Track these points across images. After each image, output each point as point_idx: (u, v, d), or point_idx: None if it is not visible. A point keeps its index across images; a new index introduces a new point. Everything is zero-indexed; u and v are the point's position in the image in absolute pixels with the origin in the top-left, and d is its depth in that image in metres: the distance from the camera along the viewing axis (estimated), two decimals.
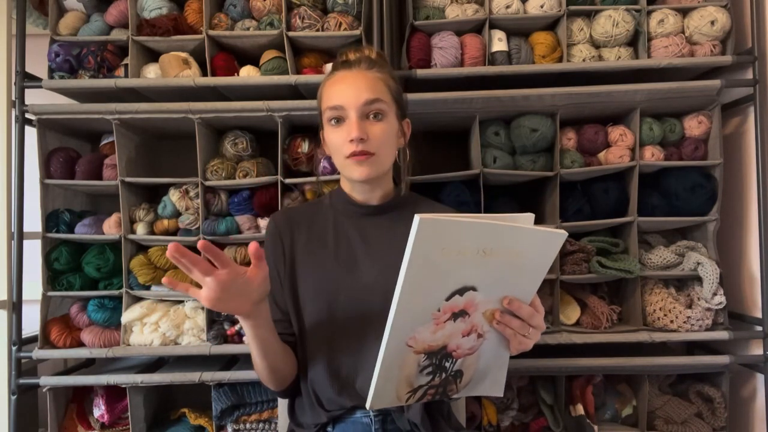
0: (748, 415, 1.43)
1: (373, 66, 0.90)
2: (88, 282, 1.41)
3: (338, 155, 0.89)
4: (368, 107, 0.86)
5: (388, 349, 0.68)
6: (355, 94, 0.86)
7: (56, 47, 1.40)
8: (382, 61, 0.93)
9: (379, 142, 0.87)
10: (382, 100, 0.87)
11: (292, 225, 0.95)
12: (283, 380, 0.91)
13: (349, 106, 0.86)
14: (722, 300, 1.32)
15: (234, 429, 1.38)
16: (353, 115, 0.86)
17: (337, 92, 0.88)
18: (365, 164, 0.87)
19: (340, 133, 0.87)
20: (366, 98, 0.86)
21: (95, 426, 1.43)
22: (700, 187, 1.37)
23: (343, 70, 0.91)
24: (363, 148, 0.85)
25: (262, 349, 0.83)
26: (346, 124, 0.87)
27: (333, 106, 0.87)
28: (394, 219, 0.95)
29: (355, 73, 0.89)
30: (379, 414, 0.89)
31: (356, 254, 0.92)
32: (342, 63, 0.93)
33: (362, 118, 0.86)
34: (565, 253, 1.39)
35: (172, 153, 1.61)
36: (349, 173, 0.89)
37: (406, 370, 0.72)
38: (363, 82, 0.87)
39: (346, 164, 0.88)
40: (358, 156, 0.86)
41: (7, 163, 1.36)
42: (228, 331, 1.38)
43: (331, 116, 0.88)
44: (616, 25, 1.36)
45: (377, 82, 0.89)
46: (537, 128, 1.36)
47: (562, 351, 1.39)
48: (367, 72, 0.89)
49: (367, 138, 0.85)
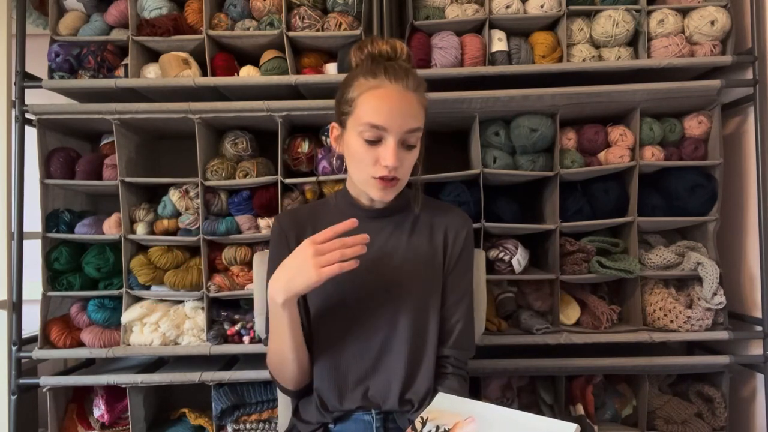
0: (748, 415, 1.43)
1: (418, 87, 0.86)
2: (88, 282, 1.41)
3: (362, 171, 0.86)
4: (408, 135, 0.84)
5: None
6: (400, 120, 0.82)
7: (56, 47, 1.40)
8: (420, 80, 0.88)
9: (406, 169, 0.87)
10: (420, 128, 0.86)
11: (297, 226, 0.95)
12: (304, 378, 0.90)
13: (392, 131, 0.82)
14: (722, 300, 1.32)
15: (234, 429, 1.38)
16: (392, 141, 0.83)
17: (383, 111, 0.82)
18: (390, 190, 0.86)
19: (373, 153, 0.84)
20: (410, 127, 0.83)
21: (95, 426, 1.43)
22: (700, 187, 1.37)
23: (387, 81, 0.83)
24: (394, 174, 0.84)
25: (294, 339, 0.84)
26: (383, 147, 0.83)
27: (375, 125, 0.82)
28: (400, 222, 0.95)
29: (401, 93, 0.83)
30: (380, 413, 0.89)
31: (362, 258, 0.92)
32: (386, 69, 0.84)
33: (399, 145, 0.84)
34: (565, 253, 1.39)
35: (172, 153, 1.61)
36: (370, 191, 0.88)
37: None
38: (408, 107, 0.84)
39: (370, 183, 0.86)
40: (386, 182, 0.85)
41: (7, 163, 1.36)
42: (228, 331, 1.38)
43: (369, 134, 0.83)
44: (616, 25, 1.36)
45: (420, 108, 0.86)
46: (537, 128, 1.36)
47: (562, 351, 1.39)
48: (413, 94, 0.85)
49: (399, 166, 0.84)
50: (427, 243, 0.93)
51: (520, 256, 1.37)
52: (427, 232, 0.94)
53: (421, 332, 0.89)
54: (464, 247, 0.94)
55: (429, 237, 0.94)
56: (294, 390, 0.92)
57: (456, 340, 0.91)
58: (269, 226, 1.37)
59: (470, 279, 0.96)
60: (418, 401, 0.88)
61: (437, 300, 0.91)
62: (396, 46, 0.88)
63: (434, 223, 0.95)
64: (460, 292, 0.93)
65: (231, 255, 1.38)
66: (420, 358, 0.89)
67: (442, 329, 0.91)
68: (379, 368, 0.88)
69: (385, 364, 0.88)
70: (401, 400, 0.88)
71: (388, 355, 0.88)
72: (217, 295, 1.37)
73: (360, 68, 0.87)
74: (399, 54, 0.88)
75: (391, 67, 0.85)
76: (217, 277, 1.38)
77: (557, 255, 1.38)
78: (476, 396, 1.40)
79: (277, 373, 0.91)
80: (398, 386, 0.87)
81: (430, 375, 0.88)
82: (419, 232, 0.94)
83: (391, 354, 0.88)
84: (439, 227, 0.95)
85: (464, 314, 0.93)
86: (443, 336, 0.91)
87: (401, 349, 0.87)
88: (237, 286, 1.38)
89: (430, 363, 0.89)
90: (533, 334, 1.35)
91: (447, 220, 0.95)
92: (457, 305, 0.92)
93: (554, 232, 1.38)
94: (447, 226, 0.95)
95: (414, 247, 0.93)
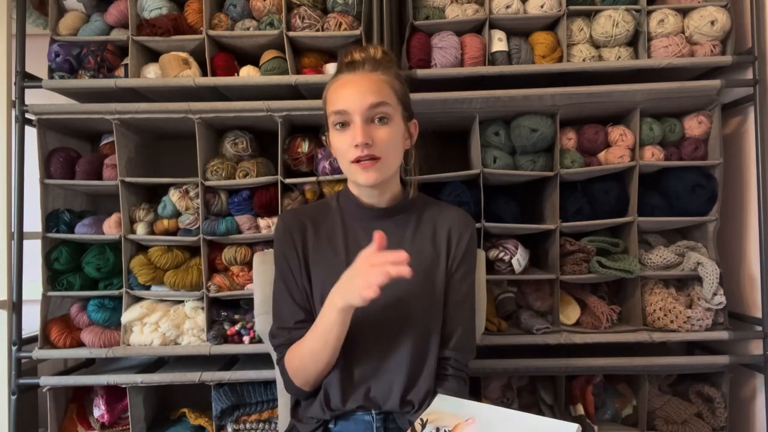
0: (748, 415, 1.43)
1: (378, 67, 0.89)
2: (88, 282, 1.41)
3: (344, 160, 0.88)
4: (373, 111, 0.85)
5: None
6: (359, 98, 0.84)
7: (56, 47, 1.40)
8: (387, 62, 0.91)
9: (384, 146, 0.86)
10: (387, 103, 0.86)
11: (302, 225, 0.94)
12: (322, 381, 0.90)
13: (354, 110, 0.84)
14: (722, 300, 1.32)
15: (234, 429, 1.38)
16: (358, 119, 0.84)
17: (342, 96, 0.86)
18: (371, 170, 0.86)
19: (345, 137, 0.86)
20: (370, 102, 0.84)
21: (95, 426, 1.43)
22: (700, 187, 1.37)
23: (347, 72, 0.89)
24: (368, 152, 0.84)
25: (337, 346, 0.84)
26: (351, 129, 0.85)
27: (337, 111, 0.86)
28: (403, 222, 0.95)
29: (359, 76, 0.87)
30: (380, 413, 0.89)
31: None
32: (346, 65, 0.90)
33: (367, 122, 0.85)
34: (565, 253, 1.39)
35: (172, 153, 1.61)
36: (355, 178, 0.88)
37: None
38: (367, 86, 0.86)
39: (352, 169, 0.87)
40: (363, 162, 0.85)
41: (7, 163, 1.36)
42: (228, 331, 1.38)
43: (335, 121, 0.87)
44: (616, 25, 1.36)
45: (382, 84, 0.87)
46: (537, 128, 1.36)
47: (562, 351, 1.39)
48: (371, 74, 0.88)
49: (372, 143, 0.84)
50: (430, 243, 0.93)
51: (520, 256, 1.37)
52: (430, 232, 0.94)
53: (424, 333, 0.89)
54: (467, 249, 0.94)
55: (432, 237, 0.94)
56: (307, 391, 0.91)
57: (457, 342, 0.91)
58: (269, 226, 1.37)
59: (472, 281, 0.95)
60: (418, 402, 0.88)
61: (440, 301, 0.91)
62: (370, 51, 0.92)
63: (437, 223, 0.95)
64: (461, 294, 0.93)
65: (231, 255, 1.38)
66: (423, 359, 0.89)
67: (443, 331, 0.91)
68: (382, 369, 0.88)
69: (388, 364, 0.88)
70: (402, 400, 0.88)
71: (392, 355, 0.88)
72: (217, 295, 1.37)
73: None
74: (372, 56, 0.91)
75: (352, 62, 0.90)
76: (217, 277, 1.38)
77: (557, 255, 1.38)
78: (476, 396, 1.41)
79: (302, 371, 0.89)
80: (400, 387, 0.87)
81: (432, 376, 0.89)
82: (422, 233, 0.94)
83: (394, 354, 0.88)
84: (442, 228, 0.94)
85: (466, 316, 0.93)
86: (444, 338, 0.91)
87: (405, 349, 0.88)
88: (237, 286, 1.38)
89: (432, 364, 0.89)
90: (533, 334, 1.35)
91: (450, 221, 0.95)
92: (458, 307, 0.92)
93: (554, 232, 1.38)
94: (450, 226, 0.94)
95: (417, 247, 0.92)
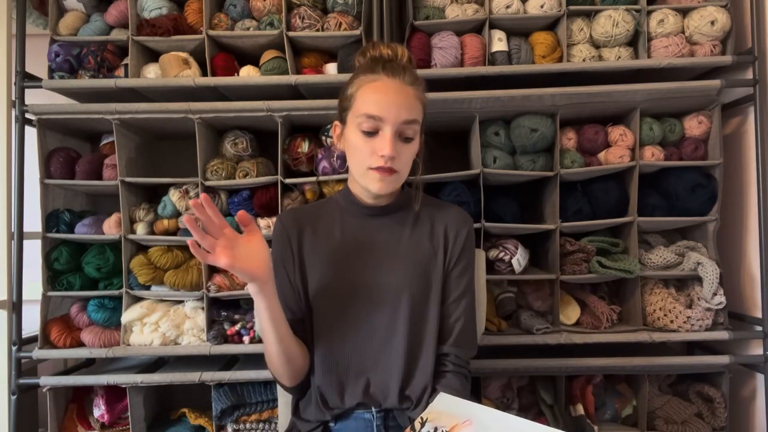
0: (748, 415, 1.43)
1: (415, 82, 0.88)
2: (88, 282, 1.41)
3: (361, 162, 0.88)
4: (404, 126, 0.86)
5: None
6: (395, 110, 0.84)
7: (56, 47, 1.40)
8: (418, 77, 0.91)
9: (404, 162, 0.88)
10: (417, 121, 0.87)
11: (299, 225, 0.95)
12: (297, 373, 0.90)
13: (388, 121, 0.84)
14: (722, 300, 1.32)
15: (234, 429, 1.38)
16: (389, 131, 0.84)
17: (378, 101, 0.85)
18: (387, 180, 0.87)
19: (371, 143, 0.86)
20: (405, 118, 0.85)
21: (95, 426, 1.43)
22: (700, 187, 1.37)
23: (385, 75, 0.87)
24: (390, 165, 0.85)
25: (276, 331, 0.84)
26: (380, 138, 0.85)
27: (371, 115, 0.85)
28: (401, 219, 0.96)
29: (398, 86, 0.86)
30: (381, 411, 0.90)
31: (364, 255, 0.92)
32: (384, 66, 0.88)
33: (395, 135, 0.86)
34: (565, 253, 1.39)
35: (172, 153, 1.61)
36: (367, 183, 0.89)
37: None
38: (404, 99, 0.86)
39: (368, 174, 0.87)
40: (383, 172, 0.86)
41: (7, 163, 1.36)
42: (228, 331, 1.38)
43: (365, 124, 0.85)
44: (616, 25, 1.36)
45: (417, 102, 0.88)
46: (537, 128, 1.36)
47: (562, 351, 1.39)
48: (409, 88, 0.87)
49: (396, 156, 0.85)
50: (427, 240, 0.94)
51: (520, 256, 1.37)
52: (428, 229, 0.95)
53: (419, 328, 0.90)
54: (465, 245, 0.95)
55: (429, 235, 0.95)
56: (291, 386, 0.92)
57: (456, 338, 0.92)
58: (269, 226, 1.37)
59: (471, 277, 0.96)
60: (416, 398, 0.88)
61: (437, 297, 0.91)
62: (397, 50, 0.91)
63: (435, 221, 0.96)
64: (460, 290, 0.93)
65: None
66: (417, 354, 0.89)
67: (443, 327, 0.92)
68: (378, 363, 0.89)
69: (384, 359, 0.89)
70: (401, 396, 0.88)
71: (388, 349, 0.89)
72: (217, 295, 1.37)
73: (361, 68, 0.91)
74: (399, 57, 0.91)
75: (389, 64, 0.88)
76: (217, 277, 1.38)
77: (557, 255, 1.38)
78: (476, 396, 1.41)
79: (272, 368, 0.91)
80: (397, 382, 0.88)
81: (429, 372, 0.89)
82: (420, 230, 0.95)
83: (390, 349, 0.89)
84: (440, 225, 0.95)
85: (465, 312, 0.93)
86: (443, 334, 0.92)
87: (399, 344, 0.88)
88: (237, 286, 1.38)
89: (428, 359, 0.89)
90: (533, 334, 1.35)
91: (447, 219, 0.96)
92: (457, 303, 0.93)
93: (554, 232, 1.38)
94: (447, 224, 0.95)
95: (414, 244, 0.93)
